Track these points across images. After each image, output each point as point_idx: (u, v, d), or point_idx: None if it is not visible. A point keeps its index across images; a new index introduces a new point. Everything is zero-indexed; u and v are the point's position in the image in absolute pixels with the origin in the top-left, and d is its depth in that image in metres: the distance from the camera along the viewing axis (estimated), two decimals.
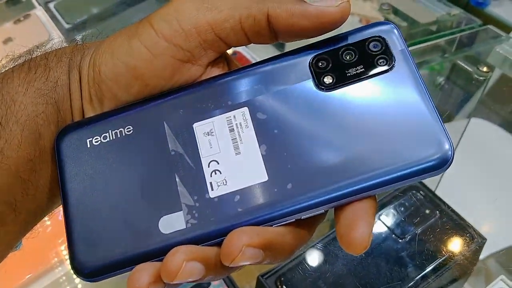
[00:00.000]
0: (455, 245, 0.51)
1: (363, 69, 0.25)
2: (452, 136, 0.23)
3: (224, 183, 0.24)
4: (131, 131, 0.26)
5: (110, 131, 0.26)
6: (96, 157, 0.25)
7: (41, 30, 0.80)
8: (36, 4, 0.88)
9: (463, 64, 0.69)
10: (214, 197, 0.24)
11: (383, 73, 0.24)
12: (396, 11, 0.81)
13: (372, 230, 0.22)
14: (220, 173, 0.24)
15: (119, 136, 0.26)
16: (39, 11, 0.85)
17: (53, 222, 0.58)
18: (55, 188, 0.26)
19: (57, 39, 0.78)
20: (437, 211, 0.53)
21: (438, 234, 0.52)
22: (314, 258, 0.50)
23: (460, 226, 0.52)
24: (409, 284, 0.48)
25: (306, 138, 0.24)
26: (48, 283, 0.56)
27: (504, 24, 0.96)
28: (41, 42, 0.30)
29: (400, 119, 0.23)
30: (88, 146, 0.26)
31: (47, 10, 0.87)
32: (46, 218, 0.57)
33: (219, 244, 0.23)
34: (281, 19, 0.25)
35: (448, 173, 0.24)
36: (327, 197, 0.23)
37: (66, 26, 0.86)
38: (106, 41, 0.27)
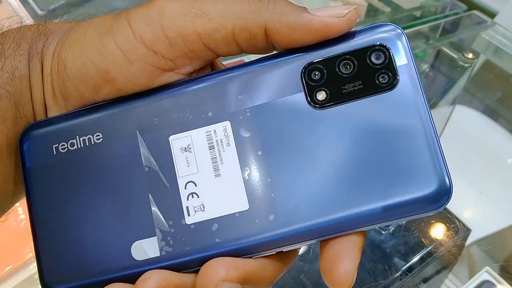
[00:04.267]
0: (440, 237, 0.50)
1: (362, 86, 0.22)
2: (437, 123, 0.21)
3: (202, 209, 0.22)
4: (101, 139, 0.24)
5: (77, 137, 0.24)
6: (63, 167, 0.23)
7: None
8: None
9: (447, 51, 0.68)
10: (191, 224, 0.22)
11: (383, 92, 0.22)
12: None
13: (357, 267, 0.21)
14: (198, 196, 0.22)
15: (87, 144, 0.24)
16: None
17: (27, 217, 0.56)
18: (12, 186, 0.25)
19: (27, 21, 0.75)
20: None
21: (422, 225, 0.51)
22: None
23: (445, 218, 0.51)
24: (393, 276, 0.47)
25: (292, 163, 0.22)
26: (22, 279, 0.54)
27: (488, 9, 0.95)
28: (8, 24, 0.27)
29: (397, 149, 0.21)
30: (55, 153, 0.24)
31: None
32: (20, 212, 0.55)
33: (196, 271, 0.21)
34: (281, 35, 0.22)
35: None
36: (312, 232, 0.21)
37: (40, 12, 0.82)
38: (75, 31, 0.24)
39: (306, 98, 0.22)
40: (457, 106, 0.76)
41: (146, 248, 0.22)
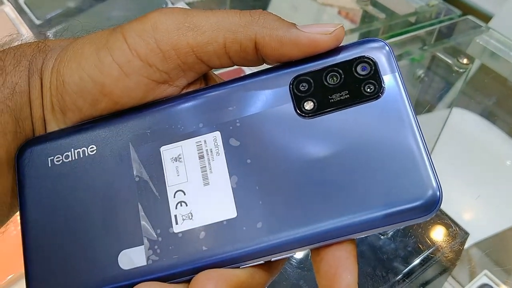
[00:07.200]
0: (438, 241, 0.50)
1: (348, 96, 0.22)
2: (434, 126, 0.21)
3: (190, 217, 0.22)
4: (95, 151, 0.24)
5: (72, 149, 0.24)
6: (57, 178, 0.24)
7: (9, 27, 0.77)
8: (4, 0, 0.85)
9: (442, 56, 0.68)
10: (178, 232, 0.22)
11: (370, 101, 0.22)
12: (374, 3, 0.80)
13: (357, 278, 0.21)
14: (186, 205, 0.22)
15: (81, 156, 0.24)
16: (7, 7, 0.81)
17: None
18: (10, 199, 0.25)
19: (26, 36, 0.75)
20: None
21: (420, 231, 0.51)
22: (294, 258, 0.49)
23: (443, 222, 0.51)
24: (392, 281, 0.47)
25: (281, 170, 0.22)
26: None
27: (483, 13, 0.95)
28: (8, 41, 0.28)
29: (386, 156, 0.21)
30: (49, 165, 0.24)
31: (16, 5, 0.84)
32: None
33: (184, 282, 0.21)
34: (270, 48, 0.23)
35: None
36: (300, 240, 0.21)
37: (37, 22, 0.83)
38: (72, 47, 0.24)
39: (294, 108, 0.23)
40: (454, 109, 0.76)
41: (132, 257, 0.22)
